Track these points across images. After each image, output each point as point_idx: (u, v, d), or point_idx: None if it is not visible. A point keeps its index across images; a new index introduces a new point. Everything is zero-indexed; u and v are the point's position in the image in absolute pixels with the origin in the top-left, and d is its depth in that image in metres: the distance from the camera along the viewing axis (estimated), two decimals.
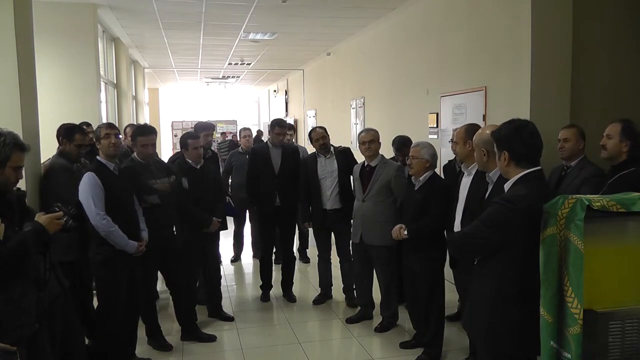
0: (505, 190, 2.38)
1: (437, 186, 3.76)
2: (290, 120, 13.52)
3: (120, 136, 4.63)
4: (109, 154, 3.57)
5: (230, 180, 6.46)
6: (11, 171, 2.38)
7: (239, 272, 6.52)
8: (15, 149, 2.38)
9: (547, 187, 2.39)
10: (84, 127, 4.47)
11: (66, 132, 3.84)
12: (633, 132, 3.15)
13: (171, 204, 3.98)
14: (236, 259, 6.83)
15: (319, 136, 4.91)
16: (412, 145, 3.96)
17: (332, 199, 4.83)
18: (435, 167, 3.87)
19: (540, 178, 2.34)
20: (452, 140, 4.53)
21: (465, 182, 3.41)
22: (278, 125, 5.13)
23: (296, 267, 5.56)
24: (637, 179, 2.97)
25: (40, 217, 2.42)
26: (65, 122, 3.98)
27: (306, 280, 6.01)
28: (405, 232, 3.75)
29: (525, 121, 2.38)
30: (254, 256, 6.79)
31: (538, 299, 2.22)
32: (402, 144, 4.89)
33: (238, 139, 7.55)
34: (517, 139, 2.31)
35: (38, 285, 2.47)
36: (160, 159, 4.30)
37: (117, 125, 7.31)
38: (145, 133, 3.95)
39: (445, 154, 5.46)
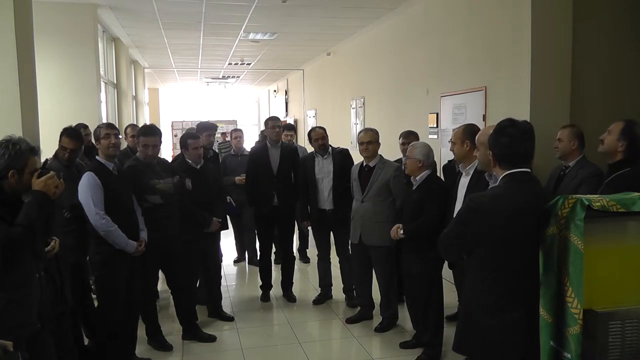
0: None
1: (433, 187, 3.76)
2: (290, 120, 13.53)
3: (120, 136, 4.63)
4: (108, 154, 3.57)
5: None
6: (29, 176, 2.42)
7: (239, 272, 6.52)
8: (30, 154, 2.43)
9: (534, 189, 2.31)
10: (81, 129, 4.47)
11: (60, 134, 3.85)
12: (633, 133, 3.14)
13: (173, 205, 3.98)
14: (239, 259, 6.82)
15: (319, 136, 4.91)
16: (409, 145, 3.97)
17: (328, 199, 4.83)
18: (433, 167, 3.86)
19: (524, 180, 2.27)
20: (451, 141, 4.53)
21: (464, 182, 3.41)
22: (271, 120, 5.18)
23: (296, 267, 5.56)
24: (633, 179, 2.97)
25: (35, 183, 2.41)
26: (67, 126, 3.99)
27: (306, 280, 6.01)
28: (402, 232, 3.75)
29: (510, 122, 2.32)
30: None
31: (516, 309, 2.20)
32: (408, 132, 4.90)
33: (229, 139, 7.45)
34: (497, 139, 2.30)
35: (38, 257, 2.48)
36: (164, 159, 4.29)
37: (117, 125, 7.32)
38: (147, 134, 3.95)
39: (445, 154, 5.46)
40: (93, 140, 4.36)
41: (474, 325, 2.30)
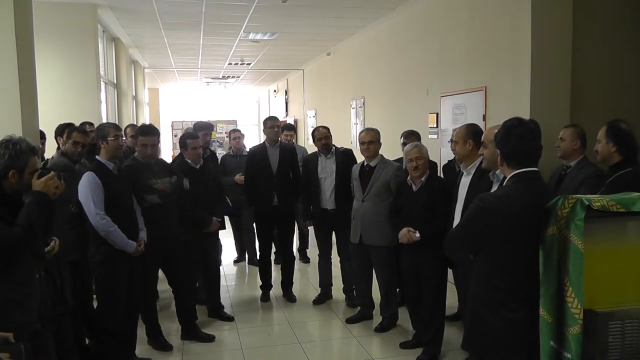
0: None
1: (439, 185, 3.75)
2: (290, 120, 13.53)
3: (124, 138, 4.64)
4: (115, 155, 3.59)
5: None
6: (29, 176, 2.42)
7: (239, 272, 6.52)
8: (31, 154, 2.43)
9: (541, 188, 2.32)
10: (87, 125, 4.48)
11: (61, 130, 3.84)
12: (617, 132, 3.14)
13: (172, 204, 3.98)
14: (239, 259, 6.82)
15: (322, 135, 4.90)
16: (411, 149, 3.87)
17: (330, 199, 4.83)
18: (434, 166, 3.86)
19: (532, 179, 2.28)
20: (451, 141, 4.52)
21: (465, 182, 3.40)
22: (270, 120, 5.19)
23: (296, 267, 5.56)
24: (634, 179, 2.98)
25: (35, 184, 2.41)
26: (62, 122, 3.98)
27: (306, 280, 6.01)
28: (417, 235, 3.69)
29: (518, 121, 2.32)
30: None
31: (521, 307, 2.21)
32: (410, 132, 4.87)
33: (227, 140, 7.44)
34: (505, 139, 2.30)
35: (38, 257, 2.49)
36: (162, 159, 4.30)
37: None
38: (146, 133, 3.95)
39: (446, 154, 5.46)
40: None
41: (480, 324, 2.31)
